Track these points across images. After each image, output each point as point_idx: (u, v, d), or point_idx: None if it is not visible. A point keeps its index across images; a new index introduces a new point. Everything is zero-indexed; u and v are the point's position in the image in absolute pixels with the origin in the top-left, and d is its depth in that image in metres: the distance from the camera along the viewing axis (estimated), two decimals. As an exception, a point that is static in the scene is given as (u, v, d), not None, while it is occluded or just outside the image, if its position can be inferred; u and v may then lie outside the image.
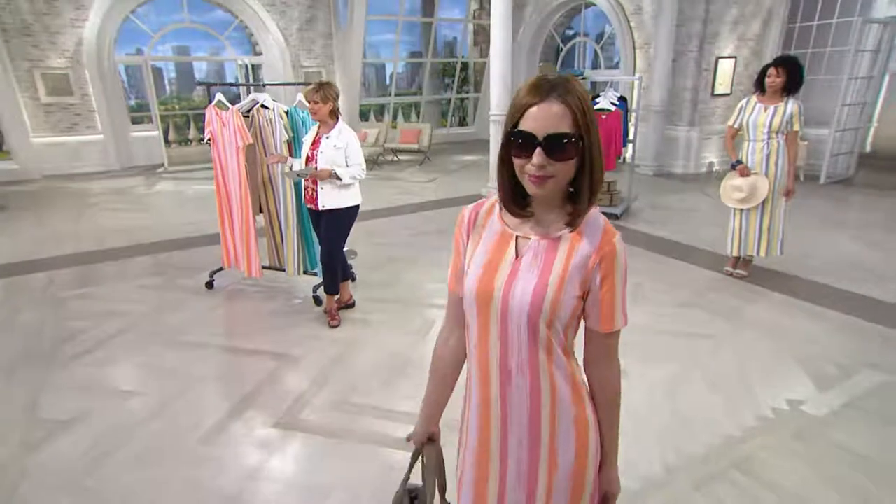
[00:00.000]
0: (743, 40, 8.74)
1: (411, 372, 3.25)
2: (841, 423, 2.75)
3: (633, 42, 9.36)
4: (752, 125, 4.16)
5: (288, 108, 4.04)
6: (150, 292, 4.41)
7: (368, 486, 2.35)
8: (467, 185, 8.43)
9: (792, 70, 3.98)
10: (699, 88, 8.67)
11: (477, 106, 13.30)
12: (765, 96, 4.14)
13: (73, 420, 2.78)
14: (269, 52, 10.32)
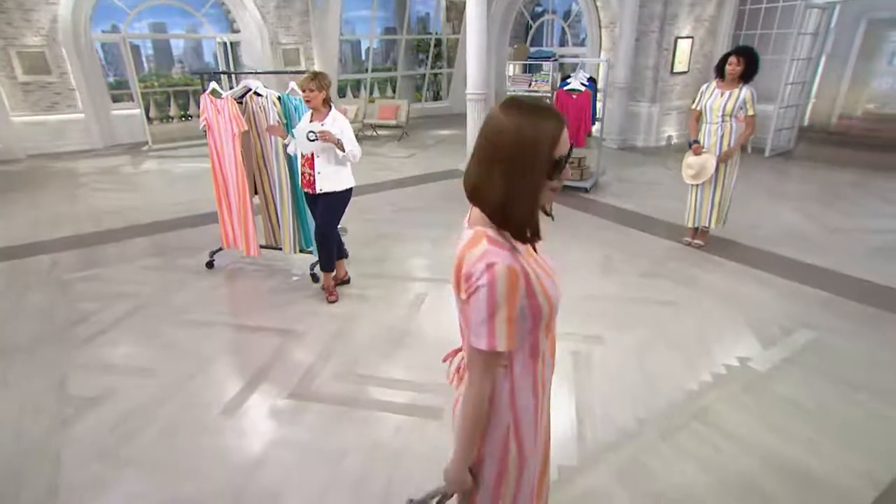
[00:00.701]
0: (699, 21, 8.86)
1: (408, 343, 3.41)
2: (783, 376, 3.03)
3: (599, 21, 9.38)
4: (709, 108, 4.36)
5: (280, 94, 4.02)
6: (153, 273, 4.40)
7: (379, 448, 2.51)
8: (444, 160, 8.45)
9: (749, 59, 4.15)
10: (660, 67, 8.80)
11: (451, 81, 13.18)
12: (724, 82, 4.31)
13: (100, 397, 2.86)
14: (246, 30, 9.97)
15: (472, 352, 1.13)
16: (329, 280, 3.95)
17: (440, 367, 3.06)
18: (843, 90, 10.68)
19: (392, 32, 12.41)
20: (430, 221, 5.64)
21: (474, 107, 7.36)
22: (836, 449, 2.47)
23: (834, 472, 2.34)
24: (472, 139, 7.49)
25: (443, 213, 5.93)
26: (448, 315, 3.72)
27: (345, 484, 2.31)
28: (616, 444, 2.52)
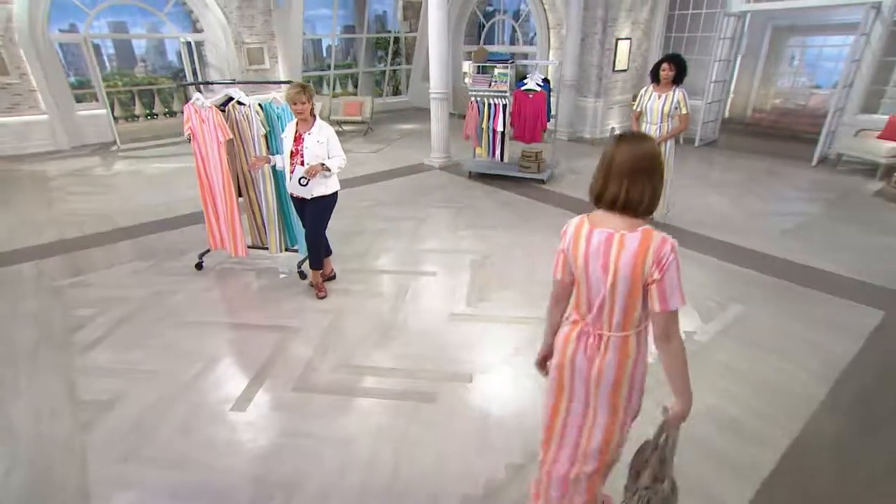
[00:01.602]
0: (636, 24, 9.12)
1: (396, 333, 3.49)
2: (719, 346, 3.31)
3: (548, 22, 9.50)
4: (649, 110, 4.66)
5: (263, 103, 3.94)
6: (143, 277, 4.26)
7: (382, 432, 2.61)
8: (410, 153, 8.45)
9: (679, 65, 4.49)
10: (603, 65, 9.02)
11: (410, 77, 13.06)
12: (659, 86, 4.62)
13: (113, 400, 2.82)
14: (210, 29, 9.52)
15: (669, 316, 1.49)
16: (318, 277, 3.96)
17: (429, 355, 3.20)
18: (755, 87, 11.32)
19: (351, 30, 12.12)
20: (404, 215, 5.69)
21: (438, 105, 7.41)
22: (762, 404, 2.76)
23: (760, 423, 2.62)
24: (437, 134, 7.58)
25: (414, 206, 5.98)
26: (431, 304, 3.83)
27: (356, 467, 2.40)
28: (590, 415, 2.71)
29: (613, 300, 1.53)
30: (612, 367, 1.60)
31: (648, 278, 1.45)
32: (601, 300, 1.55)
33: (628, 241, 1.46)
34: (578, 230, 1.56)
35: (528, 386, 2.93)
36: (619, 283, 1.49)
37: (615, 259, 1.47)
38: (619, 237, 1.47)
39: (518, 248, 4.79)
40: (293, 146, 3.59)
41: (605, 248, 1.49)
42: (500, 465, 2.39)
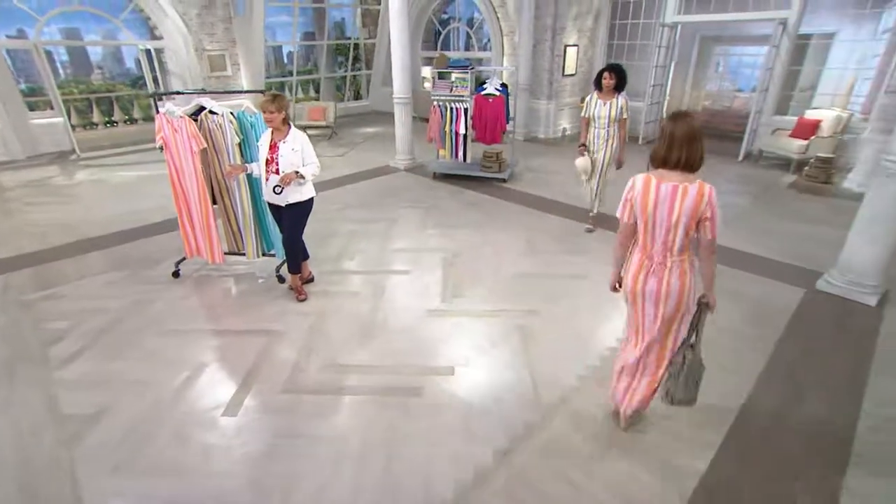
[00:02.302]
0: (582, 32, 9.35)
1: (377, 332, 3.46)
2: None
3: (501, 30, 9.59)
4: (596, 117, 4.74)
5: (236, 112, 3.81)
6: (119, 287, 4.04)
7: (373, 427, 2.60)
8: (375, 156, 8.36)
9: (619, 74, 4.57)
10: (553, 70, 9.20)
11: (370, 82, 12.88)
12: (603, 93, 4.67)
13: (100, 413, 2.68)
14: (169, 37, 9.03)
15: (714, 240, 2.06)
16: (297, 281, 3.89)
17: (410, 351, 3.21)
18: (687, 90, 11.87)
19: (311, 37, 11.81)
20: (375, 217, 5.64)
21: (401, 109, 7.37)
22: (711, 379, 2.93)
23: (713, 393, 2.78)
24: (401, 138, 7.54)
25: (383, 208, 5.94)
26: (407, 302, 3.82)
27: (350, 462, 2.39)
28: (566, 397, 2.80)
29: (676, 233, 2.06)
30: (676, 284, 2.13)
31: (703, 216, 2.01)
32: (665, 234, 2.08)
33: (690, 190, 2.00)
34: (647, 184, 2.08)
35: (506, 376, 2.99)
36: (681, 220, 2.02)
37: (679, 204, 2.01)
38: (682, 188, 2.01)
39: (486, 246, 4.84)
40: (268, 154, 3.50)
41: (671, 196, 2.02)
42: (486, 452, 2.43)
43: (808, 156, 7.02)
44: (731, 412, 2.69)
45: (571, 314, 3.65)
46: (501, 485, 2.25)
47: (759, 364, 3.07)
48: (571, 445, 2.47)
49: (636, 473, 2.31)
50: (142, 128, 9.58)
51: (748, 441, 2.50)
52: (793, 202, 6.09)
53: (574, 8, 8.81)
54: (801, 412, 2.69)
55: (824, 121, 7.12)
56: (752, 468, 2.35)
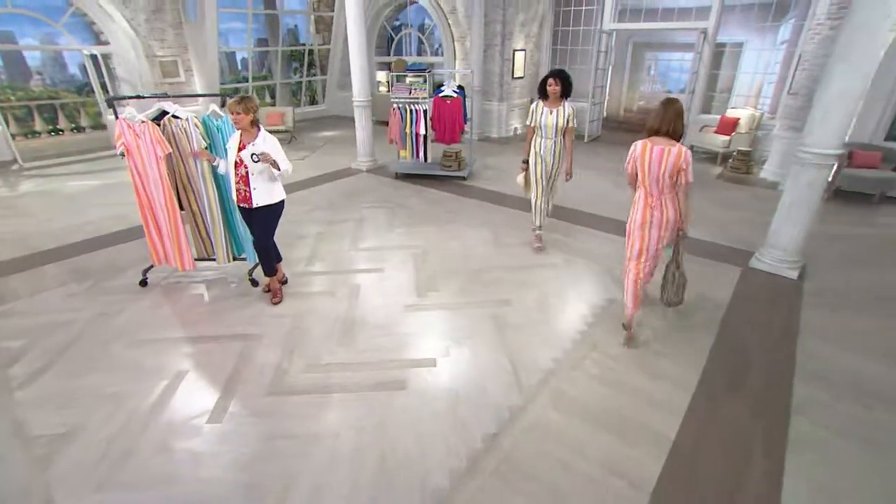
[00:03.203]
0: (528, 37, 9.46)
1: (357, 330, 3.35)
2: (634, 309, 3.58)
3: (452, 35, 9.54)
4: (543, 125, 4.14)
5: (202, 116, 3.56)
6: (81, 299, 3.69)
7: (364, 423, 2.51)
8: (336, 159, 8.12)
9: (564, 80, 4.05)
10: (504, 73, 9.26)
11: (325, 86, 12.49)
12: (548, 101, 4.11)
13: (71, 431, 2.43)
14: (116, 42, 8.32)
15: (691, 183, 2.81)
16: (275, 283, 3.70)
17: (391, 346, 3.13)
18: (624, 91, 12.33)
19: (264, 43, 11.28)
20: (342, 218, 5.47)
21: (361, 112, 7.18)
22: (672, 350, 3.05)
23: (675, 366, 2.89)
24: (362, 140, 7.37)
25: (349, 209, 5.77)
26: (384, 299, 3.73)
27: (344, 459, 2.30)
28: (544, 381, 2.82)
29: (664, 180, 2.83)
30: (672, 213, 2.92)
31: (682, 167, 2.77)
32: (657, 180, 2.85)
33: (672, 151, 2.76)
34: (644, 147, 2.85)
35: (487, 363, 2.97)
36: (667, 171, 2.79)
37: (665, 160, 2.78)
38: (667, 150, 2.77)
39: (454, 241, 4.81)
40: (237, 156, 3.29)
41: (660, 155, 2.79)
42: (476, 438, 2.41)
43: (731, 150, 7.46)
44: (692, 380, 2.80)
45: (541, 302, 3.68)
46: (493, 469, 2.23)
47: (711, 337, 3.21)
48: (556, 425, 2.49)
49: (617, 444, 2.35)
50: (91, 136, 8.83)
51: (710, 402, 2.61)
52: (721, 191, 6.45)
53: (521, 14, 8.90)
54: (748, 375, 2.85)
55: (742, 119, 7.59)
56: (715, 426, 2.45)
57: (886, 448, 2.36)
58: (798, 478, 2.19)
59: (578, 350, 3.09)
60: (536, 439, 2.39)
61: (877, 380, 2.83)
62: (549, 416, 2.54)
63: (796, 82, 6.52)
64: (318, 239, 4.87)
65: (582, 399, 2.66)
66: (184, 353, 3.07)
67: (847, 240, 4.86)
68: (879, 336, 3.26)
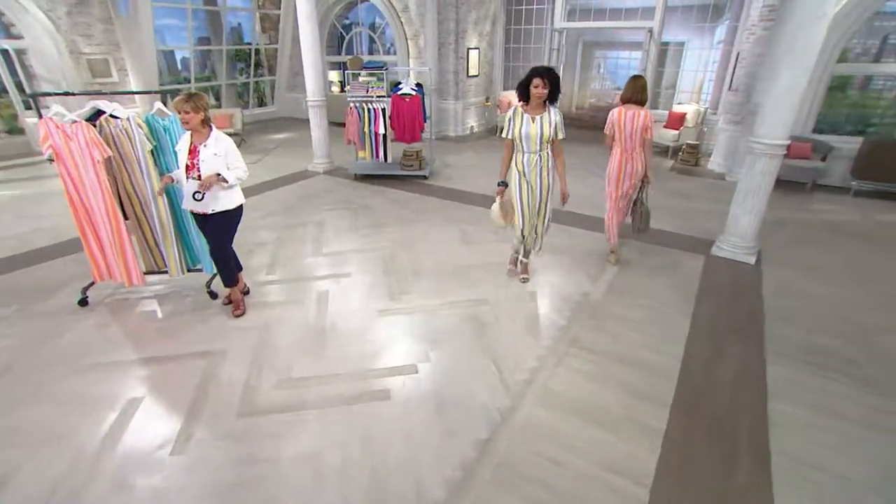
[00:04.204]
0: (482, 36, 9.48)
1: (330, 338, 3.16)
2: (610, 300, 3.60)
3: (405, 34, 9.40)
4: (525, 137, 3.30)
5: (146, 115, 3.24)
6: (9, 323, 3.24)
7: (348, 438, 2.35)
8: (291, 161, 7.77)
9: (553, 81, 3.17)
10: (459, 71, 9.23)
11: (274, 87, 11.97)
12: (530, 106, 3.26)
13: (6, 474, 2.10)
14: (31, 36, 7.52)
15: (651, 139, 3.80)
16: (237, 294, 3.43)
17: (368, 354, 2.97)
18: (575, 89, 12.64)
19: (206, 42, 10.62)
20: (302, 221, 5.21)
21: (316, 112, 6.91)
22: (654, 340, 3.08)
23: (655, 357, 2.92)
24: (318, 141, 7.11)
25: (309, 212, 5.51)
26: (355, 304, 3.55)
27: (330, 479, 2.13)
28: (530, 379, 2.76)
29: (636, 136, 3.72)
30: (640, 164, 3.83)
31: (647, 125, 3.67)
32: (630, 136, 3.73)
33: (640, 113, 3.66)
34: (620, 112, 3.75)
35: (469, 365, 2.88)
36: (636, 130, 3.69)
37: (635, 120, 3.68)
38: (636, 113, 3.68)
39: (421, 241, 4.69)
40: (188, 159, 3.01)
41: (631, 116, 3.68)
42: (467, 445, 2.30)
43: (680, 143, 7.80)
44: (675, 368, 2.83)
45: (517, 300, 3.63)
46: (489, 476, 2.14)
47: (685, 327, 3.28)
48: (547, 424, 2.43)
49: (609, 439, 2.33)
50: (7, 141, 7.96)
51: (692, 390, 2.65)
52: (675, 182, 6.71)
53: (473, 13, 8.90)
54: (724, 361, 2.92)
55: (688, 114, 7.95)
56: (701, 415, 2.48)
57: (858, 421, 2.47)
58: (784, 456, 2.24)
59: (560, 345, 3.06)
60: (529, 441, 2.32)
61: (839, 356, 2.99)
62: (539, 416, 2.48)
63: (736, 79, 6.89)
64: (279, 245, 4.59)
65: (570, 395, 2.63)
66: (138, 378, 2.76)
67: (789, 225, 5.16)
68: (835, 313, 3.46)
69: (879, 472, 2.17)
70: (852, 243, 4.72)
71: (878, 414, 2.52)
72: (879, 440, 2.35)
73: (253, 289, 3.75)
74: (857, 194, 6.27)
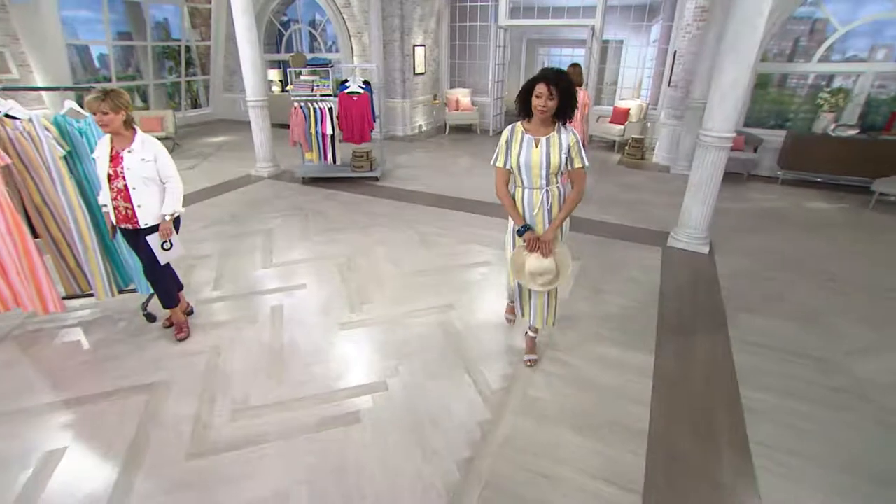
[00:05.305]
0: (427, 33, 9.30)
1: (289, 357, 2.89)
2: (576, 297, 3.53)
3: (348, 31, 9.04)
4: (525, 167, 2.34)
5: (56, 116, 2.79)
6: None
7: (320, 471, 2.11)
8: (232, 166, 7.23)
9: (564, 89, 2.19)
10: (405, 69, 9.00)
11: (209, 88, 11.16)
12: (532, 124, 2.33)
13: None
14: None
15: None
16: (180, 315, 3.06)
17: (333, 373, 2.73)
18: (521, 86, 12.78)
19: (127, 37, 9.68)
20: (249, 230, 4.81)
21: (257, 113, 6.46)
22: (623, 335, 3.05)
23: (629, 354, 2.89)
24: (261, 143, 6.67)
25: (256, 220, 5.12)
26: (314, 319, 3.28)
27: (299, 522, 1.89)
28: (508, 388, 2.63)
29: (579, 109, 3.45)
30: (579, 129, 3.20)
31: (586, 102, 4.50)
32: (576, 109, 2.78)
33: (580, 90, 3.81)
34: None
35: (442, 377, 2.71)
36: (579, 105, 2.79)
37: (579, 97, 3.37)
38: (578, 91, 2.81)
39: (379, 246, 4.45)
40: (109, 167, 2.63)
41: None
42: (450, 465, 2.14)
43: (626, 138, 8.02)
44: (649, 364, 2.80)
45: (483, 303, 3.50)
46: (477, 497, 1.98)
47: (653, 321, 3.29)
48: (530, 435, 2.31)
49: (594, 446, 2.24)
50: None
51: (668, 385, 2.62)
52: (624, 176, 6.87)
53: (418, 9, 8.70)
54: (694, 354, 2.94)
55: (631, 109, 8.20)
56: (679, 411, 2.46)
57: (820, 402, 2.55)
58: (761, 445, 2.25)
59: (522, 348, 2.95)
60: (515, 455, 2.19)
61: (795, 339, 3.10)
62: (521, 427, 2.35)
63: (675, 76, 7.16)
64: (224, 257, 4.20)
65: (550, 402, 2.52)
66: (58, 425, 2.36)
67: (732, 214, 5.41)
68: (784, 297, 3.61)
69: (846, 453, 2.23)
70: (789, 229, 5.00)
71: (836, 393, 2.61)
72: (840, 420, 2.43)
73: (197, 308, 3.38)
74: (784, 183, 6.70)
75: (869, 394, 2.60)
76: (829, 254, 4.39)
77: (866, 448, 2.25)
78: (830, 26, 6.46)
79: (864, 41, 6.66)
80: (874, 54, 6.60)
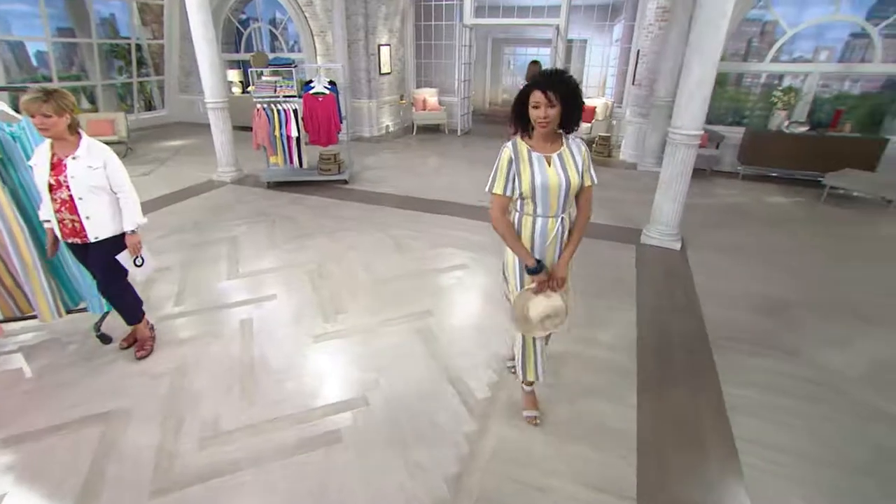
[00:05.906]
0: (392, 32, 9.15)
1: (261, 374, 2.71)
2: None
3: (311, 29, 8.78)
4: (542, 191, 1.90)
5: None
6: None
7: (300, 498, 1.97)
8: (191, 171, 6.87)
9: (568, 95, 1.81)
10: (370, 69, 8.82)
11: (163, 89, 10.61)
12: (534, 140, 1.92)
13: None
14: None
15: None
16: (144, 331, 2.85)
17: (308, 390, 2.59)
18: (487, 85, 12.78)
19: (69, 34, 9.04)
20: (212, 239, 4.56)
21: (217, 115, 6.16)
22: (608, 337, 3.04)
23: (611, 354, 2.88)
24: (222, 146, 6.36)
25: (219, 228, 4.86)
26: (285, 331, 3.12)
27: (278, 557, 1.75)
28: (492, 397, 2.55)
29: None
30: None
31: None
32: None
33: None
34: None
35: (425, 388, 2.61)
36: None
37: None
38: None
39: (351, 251, 4.30)
40: (51, 176, 2.39)
41: None
42: (437, 481, 2.04)
43: (593, 136, 8.13)
44: (632, 364, 2.79)
45: (461, 307, 3.43)
46: (468, 515, 1.90)
47: (633, 319, 3.29)
48: (518, 445, 2.24)
49: (584, 452, 2.19)
50: None
51: (652, 385, 2.62)
52: (593, 175, 6.93)
53: (383, 7, 8.54)
54: (673, 349, 2.95)
55: (598, 107, 8.32)
56: (665, 411, 2.45)
57: (798, 395, 2.60)
58: (747, 442, 2.26)
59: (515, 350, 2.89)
60: (505, 467, 2.11)
61: (768, 333, 3.16)
62: (509, 437, 2.28)
63: (639, 74, 7.30)
64: (186, 268, 3.95)
65: (536, 408, 2.46)
66: (5, 462, 2.11)
67: (699, 209, 5.54)
68: (755, 291, 3.69)
69: (826, 445, 2.27)
70: (753, 224, 5.16)
71: (811, 385, 2.67)
72: (817, 412, 2.48)
73: (159, 325, 3.15)
74: (744, 178, 6.94)
75: (840, 386, 2.67)
76: (790, 248, 4.55)
77: (845, 440, 2.30)
78: (780, 28, 6.75)
79: (810, 43, 7.00)
80: (818, 55, 6.95)
